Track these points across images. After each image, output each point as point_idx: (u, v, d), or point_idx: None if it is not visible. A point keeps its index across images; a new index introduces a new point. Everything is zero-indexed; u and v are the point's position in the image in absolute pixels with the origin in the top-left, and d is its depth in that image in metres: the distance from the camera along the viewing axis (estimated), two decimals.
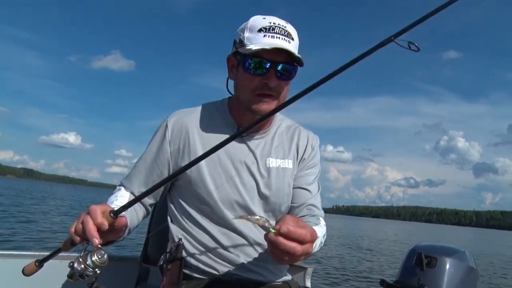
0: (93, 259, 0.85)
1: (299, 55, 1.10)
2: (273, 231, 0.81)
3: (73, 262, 0.85)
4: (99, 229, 0.85)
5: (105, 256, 0.87)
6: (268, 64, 1.10)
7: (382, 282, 1.62)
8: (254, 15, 1.17)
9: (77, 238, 0.88)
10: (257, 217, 0.84)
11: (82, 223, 0.86)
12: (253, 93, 1.13)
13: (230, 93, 1.28)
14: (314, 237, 0.84)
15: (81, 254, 0.86)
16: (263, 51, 1.08)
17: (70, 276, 0.86)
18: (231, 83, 1.24)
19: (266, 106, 1.14)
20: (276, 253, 0.83)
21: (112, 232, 0.92)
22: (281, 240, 0.79)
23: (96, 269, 0.86)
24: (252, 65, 1.11)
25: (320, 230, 1.15)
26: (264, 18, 1.14)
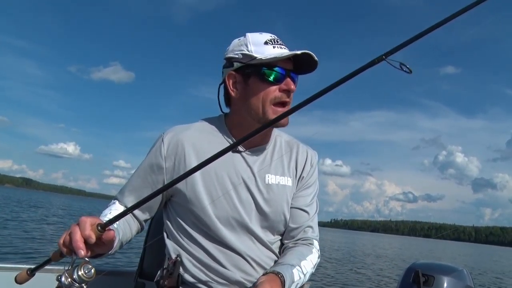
0: (80, 273, 0.84)
1: (317, 59, 1.13)
2: None
3: (60, 276, 0.84)
4: (86, 242, 0.84)
5: (92, 270, 0.85)
6: (284, 72, 1.14)
7: None
8: (252, 28, 1.22)
9: (65, 250, 0.87)
10: None
11: (70, 234, 0.86)
12: (271, 102, 1.15)
13: (222, 112, 1.29)
14: None
15: (68, 268, 0.85)
16: (276, 60, 1.12)
17: None
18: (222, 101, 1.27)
19: None
20: None
21: (100, 245, 0.91)
22: None
23: (83, 284, 0.84)
24: (269, 74, 1.14)
25: (306, 265, 1.17)
26: (261, 34, 1.18)
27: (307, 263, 1.18)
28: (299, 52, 1.10)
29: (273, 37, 1.17)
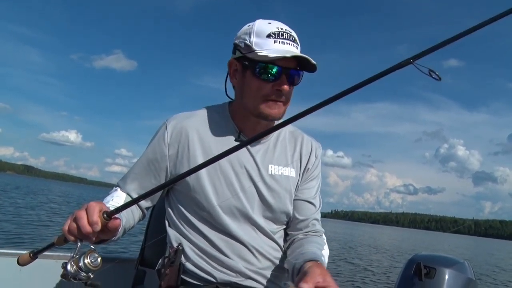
0: (86, 261, 0.82)
1: (315, 62, 1.09)
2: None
3: (66, 263, 0.83)
4: (92, 228, 0.83)
5: (98, 259, 0.84)
6: (280, 70, 1.10)
7: None
8: (255, 18, 1.16)
9: (70, 237, 0.86)
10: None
11: (76, 219, 0.84)
12: (263, 98, 1.13)
13: (230, 98, 1.27)
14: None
15: (74, 256, 0.83)
16: (276, 57, 1.07)
17: (63, 276, 0.84)
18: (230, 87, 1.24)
19: (277, 110, 1.14)
20: None
21: (105, 232, 0.90)
22: None
23: (89, 273, 0.83)
24: (263, 71, 1.10)
25: (326, 254, 1.21)
26: (270, 23, 1.13)
27: (325, 252, 1.21)
28: (288, 55, 1.06)
29: (279, 30, 1.11)
